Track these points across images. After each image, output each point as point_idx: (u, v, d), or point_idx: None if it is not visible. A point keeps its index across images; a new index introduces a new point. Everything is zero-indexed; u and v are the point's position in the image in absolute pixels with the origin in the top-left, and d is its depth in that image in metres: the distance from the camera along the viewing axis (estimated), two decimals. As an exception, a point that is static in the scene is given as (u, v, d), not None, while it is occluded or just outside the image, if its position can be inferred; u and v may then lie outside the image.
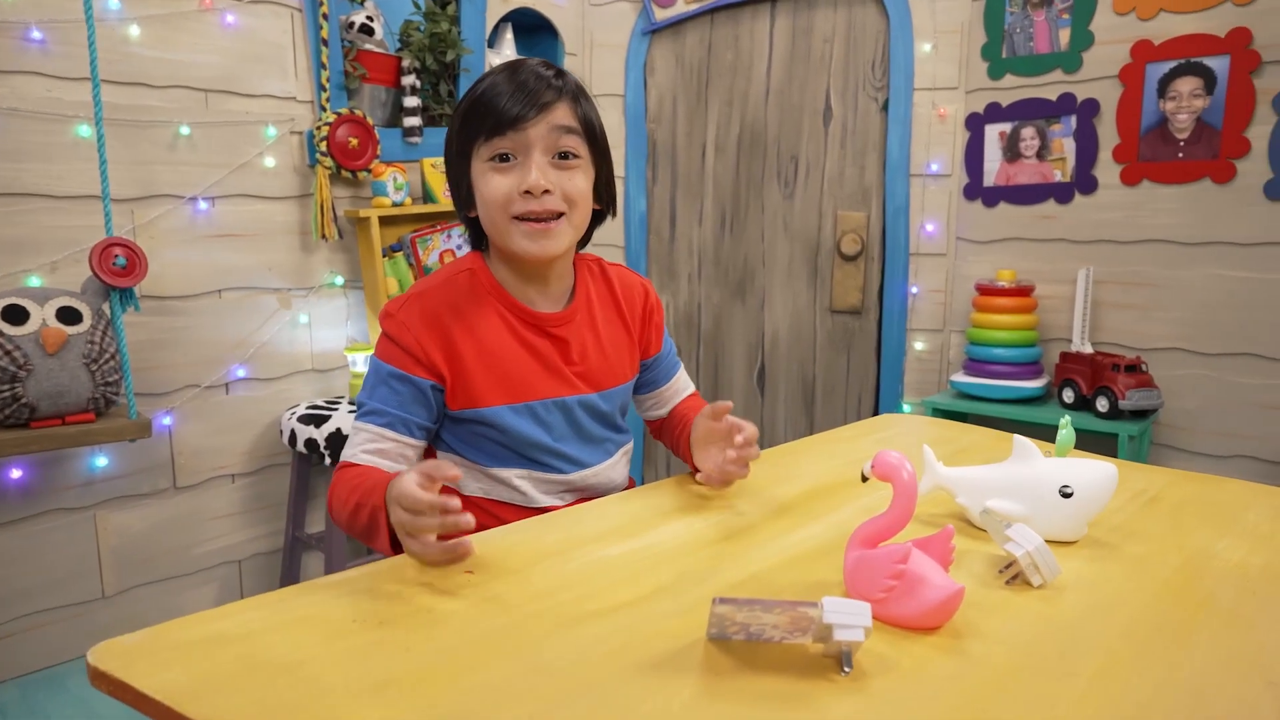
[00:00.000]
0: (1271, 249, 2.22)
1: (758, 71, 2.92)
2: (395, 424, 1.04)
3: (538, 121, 1.02)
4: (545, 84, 1.03)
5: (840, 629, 0.66)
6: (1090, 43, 2.44)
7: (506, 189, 1.03)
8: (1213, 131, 2.28)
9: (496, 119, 1.02)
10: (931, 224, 2.72)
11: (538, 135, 1.02)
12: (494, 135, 1.02)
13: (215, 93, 2.22)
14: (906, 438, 1.40)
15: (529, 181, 1.01)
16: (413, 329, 1.04)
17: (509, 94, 1.02)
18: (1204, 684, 0.66)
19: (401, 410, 1.04)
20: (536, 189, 1.02)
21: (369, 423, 1.04)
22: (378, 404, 1.04)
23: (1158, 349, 2.40)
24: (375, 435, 1.04)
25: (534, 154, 1.02)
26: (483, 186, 1.04)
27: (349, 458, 1.05)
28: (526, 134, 1.02)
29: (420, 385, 1.04)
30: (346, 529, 1.00)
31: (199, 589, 2.32)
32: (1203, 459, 2.34)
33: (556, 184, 1.03)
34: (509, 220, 1.04)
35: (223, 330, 2.29)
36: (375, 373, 1.06)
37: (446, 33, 2.52)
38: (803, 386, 3.00)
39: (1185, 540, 0.95)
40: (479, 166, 1.05)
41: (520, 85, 1.02)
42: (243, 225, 2.30)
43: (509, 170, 1.03)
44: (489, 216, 1.06)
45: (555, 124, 1.03)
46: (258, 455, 2.39)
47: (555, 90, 1.03)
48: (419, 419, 1.06)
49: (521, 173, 1.03)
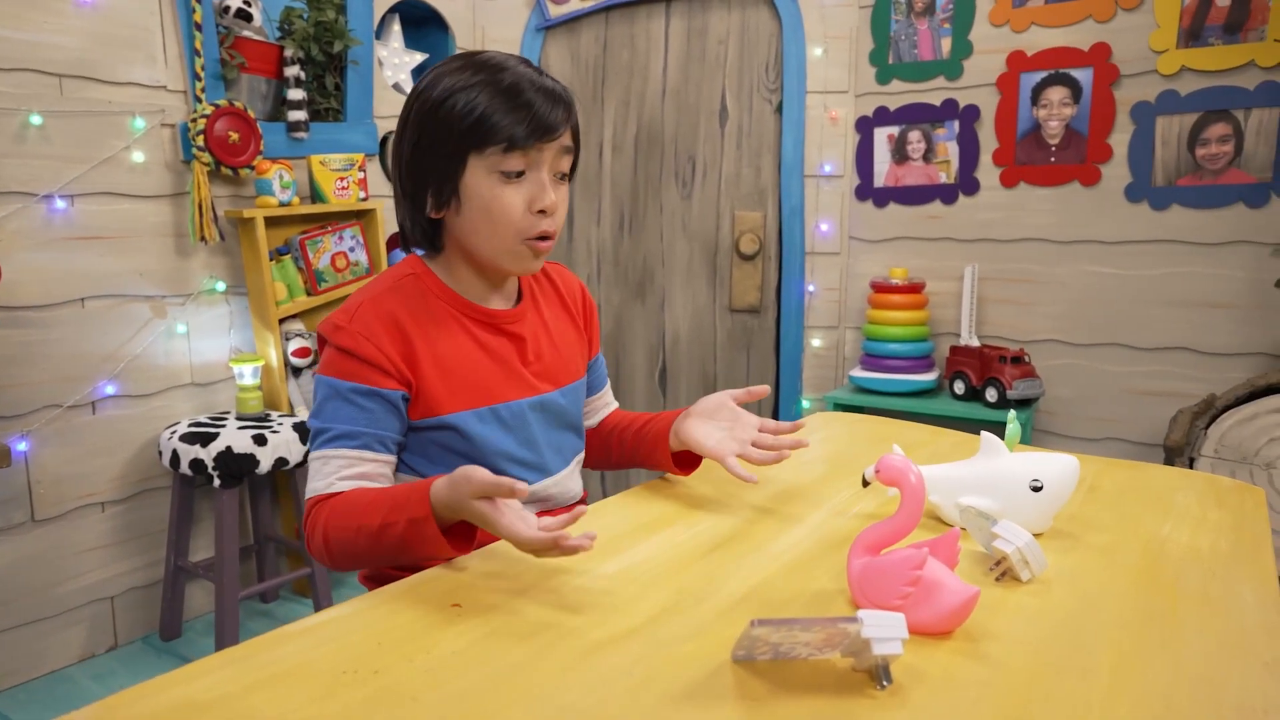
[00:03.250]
0: (1133, 247, 2.42)
1: (654, 71, 2.92)
2: (371, 443, 0.95)
3: (555, 141, 0.96)
4: (560, 98, 0.97)
5: (879, 642, 0.65)
6: (970, 52, 2.57)
7: (520, 207, 0.96)
8: (1080, 138, 2.45)
9: (528, 130, 0.93)
10: (826, 224, 2.80)
11: (550, 154, 0.97)
12: (513, 148, 0.94)
13: (71, 78, 2.00)
14: (846, 437, 1.42)
15: (546, 201, 0.96)
16: (372, 337, 0.96)
17: (540, 103, 0.94)
18: (1211, 671, 0.69)
19: (374, 428, 0.95)
20: (553, 209, 0.97)
21: (341, 448, 0.95)
22: (346, 425, 0.95)
23: (1037, 341, 2.56)
24: (351, 459, 0.95)
25: (544, 172, 0.97)
26: (490, 200, 0.96)
27: (325, 489, 0.94)
28: (544, 152, 0.96)
29: (390, 397, 0.96)
30: (363, 556, 0.91)
31: (66, 631, 2.09)
32: (1079, 442, 2.52)
33: (556, 204, 0.99)
34: (519, 240, 0.98)
35: (87, 343, 2.06)
36: (333, 392, 0.96)
37: (333, 22, 2.37)
38: (704, 385, 3.02)
39: (1136, 527, 1.01)
40: (484, 177, 0.96)
41: (549, 92, 0.95)
42: (108, 226, 2.08)
43: (520, 185, 0.96)
44: (492, 230, 0.98)
45: (565, 145, 0.98)
46: (131, 480, 2.17)
47: (568, 106, 0.98)
48: (392, 433, 0.98)
49: (532, 189, 0.96)
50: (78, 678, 2.07)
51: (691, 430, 1.08)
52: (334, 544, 0.92)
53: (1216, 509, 1.07)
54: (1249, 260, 2.27)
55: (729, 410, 1.09)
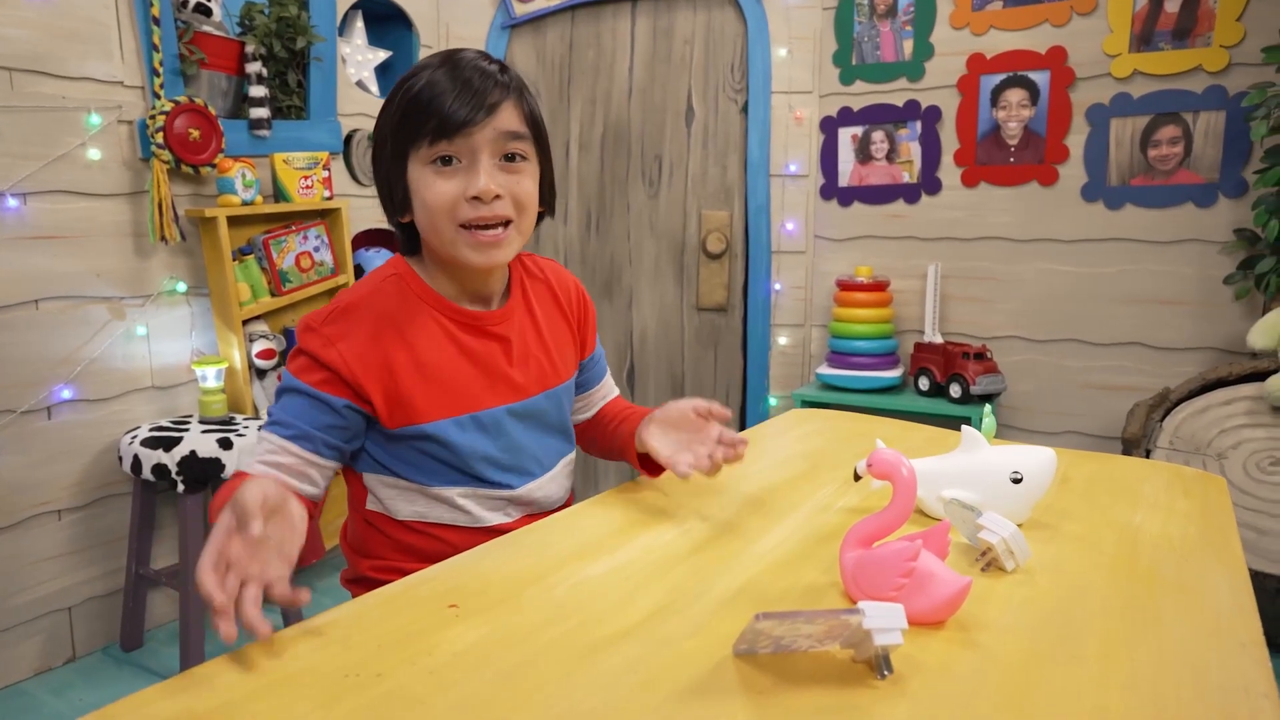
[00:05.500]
0: (1088, 245, 2.48)
1: (620, 70, 2.92)
2: (299, 438, 0.95)
3: (485, 126, 0.94)
4: (491, 81, 0.95)
5: (879, 633, 0.66)
6: (931, 54, 2.62)
7: (452, 195, 0.95)
8: (1039, 139, 2.52)
9: (440, 122, 0.93)
10: (791, 222, 2.83)
11: (484, 140, 0.95)
12: (438, 139, 0.94)
13: (22, 72, 1.93)
14: (823, 433, 1.44)
15: (478, 187, 0.94)
16: (339, 345, 0.95)
17: (452, 93, 0.93)
18: (1193, 654, 0.72)
19: (309, 425, 0.95)
20: (487, 195, 0.95)
21: (273, 433, 0.95)
22: (285, 416, 0.96)
23: (999, 337, 2.62)
24: (277, 448, 0.95)
25: (481, 158, 0.95)
26: (424, 191, 0.96)
27: (244, 467, 0.96)
28: (473, 139, 0.94)
29: (334, 404, 0.95)
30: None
31: (22, 644, 2.02)
32: (1040, 436, 2.58)
33: (505, 188, 0.97)
34: (455, 229, 0.96)
35: (42, 346, 2.00)
36: (287, 385, 0.97)
37: (296, 18, 2.33)
38: (672, 383, 3.03)
39: (1109, 517, 1.04)
40: (418, 170, 0.96)
41: (465, 84, 0.93)
42: (63, 226, 2.02)
43: (454, 174, 0.95)
44: (431, 223, 0.97)
45: (503, 128, 0.95)
46: (89, 486, 2.11)
47: (502, 88, 0.96)
48: (330, 438, 0.97)
49: (468, 177, 0.95)
50: (34, 691, 2.01)
51: (650, 439, 1.08)
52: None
53: (1183, 498, 1.11)
54: (1199, 258, 2.34)
55: (689, 422, 1.07)
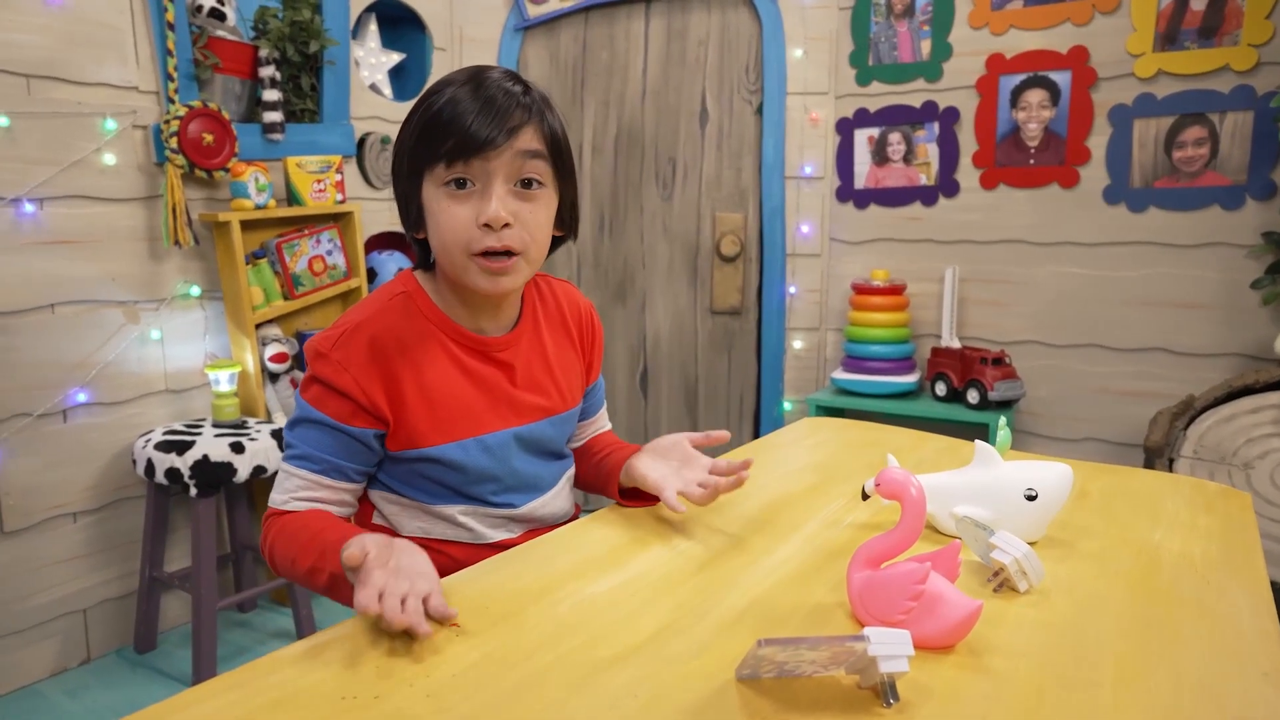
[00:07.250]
0: (1109, 248, 2.44)
1: (634, 72, 2.91)
2: (330, 471, 0.95)
3: (504, 149, 0.91)
4: (514, 102, 0.92)
5: (885, 660, 0.65)
6: (949, 54, 2.58)
7: (465, 221, 0.93)
8: (1059, 140, 2.48)
9: (460, 142, 0.90)
10: (806, 225, 2.81)
11: (501, 164, 0.92)
12: (454, 160, 0.91)
13: (39, 78, 1.95)
14: (834, 443, 1.41)
15: (489, 214, 0.91)
16: (351, 370, 0.94)
17: (474, 113, 0.90)
18: (1212, 681, 0.69)
19: (336, 457, 0.95)
20: (496, 222, 0.92)
21: (301, 468, 0.95)
22: (310, 449, 0.95)
23: (1017, 342, 2.58)
24: (309, 483, 0.95)
25: (495, 183, 0.92)
26: (438, 215, 0.94)
27: (280, 505, 0.95)
28: (490, 163, 0.92)
29: (360, 435, 0.95)
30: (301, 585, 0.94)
31: (37, 645, 2.04)
32: (1059, 443, 2.54)
33: (517, 216, 0.94)
34: (466, 256, 0.94)
35: (57, 350, 2.01)
36: (306, 416, 0.95)
37: (309, 21, 2.33)
38: (685, 388, 3.01)
39: (1127, 534, 1.01)
40: (433, 190, 0.94)
41: (487, 103, 0.91)
42: (78, 230, 2.03)
43: (467, 198, 0.93)
44: (443, 246, 0.95)
45: (521, 149, 0.92)
46: (104, 489, 2.12)
47: (525, 109, 0.93)
48: (360, 465, 0.97)
49: (480, 202, 0.92)
50: (50, 693, 2.02)
51: (640, 466, 1.06)
52: (279, 564, 0.94)
53: (1205, 515, 1.08)
54: (1225, 262, 2.30)
55: (681, 450, 1.06)
